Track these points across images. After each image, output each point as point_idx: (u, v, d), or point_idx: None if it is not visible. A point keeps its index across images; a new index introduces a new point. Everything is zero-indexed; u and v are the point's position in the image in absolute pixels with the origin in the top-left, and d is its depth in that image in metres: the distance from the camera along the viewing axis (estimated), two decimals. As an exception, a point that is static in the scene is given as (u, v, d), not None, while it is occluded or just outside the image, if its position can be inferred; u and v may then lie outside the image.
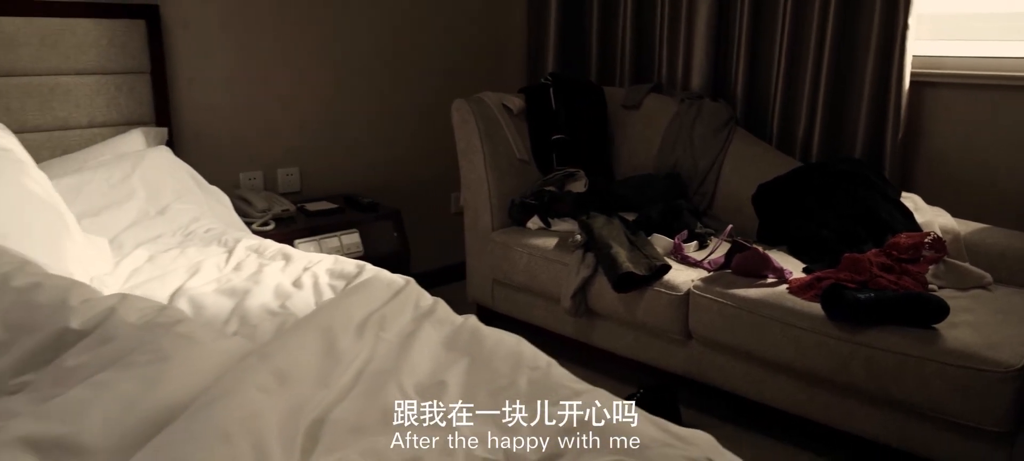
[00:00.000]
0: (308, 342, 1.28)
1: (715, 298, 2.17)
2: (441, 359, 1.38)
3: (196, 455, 0.95)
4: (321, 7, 2.99)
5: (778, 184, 2.62)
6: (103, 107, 2.49)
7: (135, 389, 1.12)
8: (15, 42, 2.31)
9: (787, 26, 2.80)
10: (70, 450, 1.00)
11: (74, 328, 1.30)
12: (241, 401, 1.07)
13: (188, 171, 2.46)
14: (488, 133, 2.83)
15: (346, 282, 1.79)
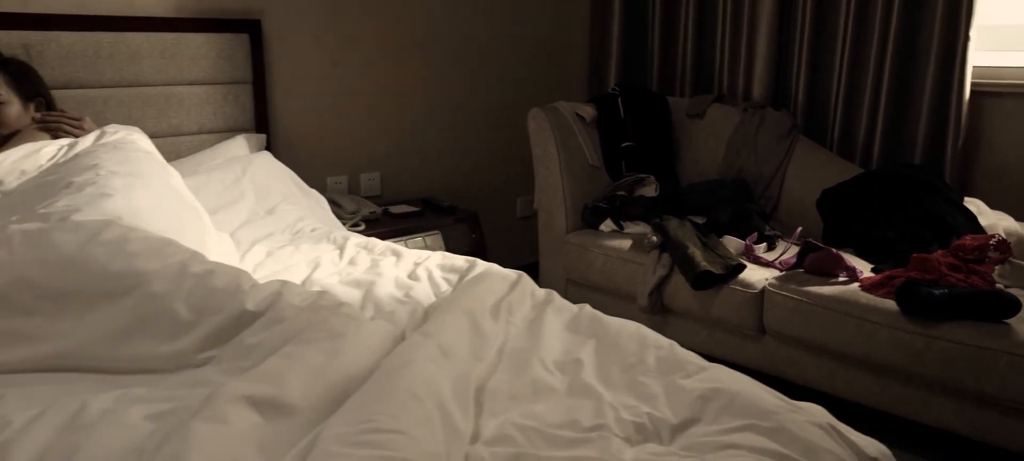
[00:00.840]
0: (458, 324, 1.44)
1: (790, 295, 2.31)
2: (569, 341, 1.53)
3: (394, 410, 1.11)
4: (403, 25, 3.17)
5: (842, 189, 2.75)
6: (211, 115, 2.68)
7: (321, 360, 1.28)
8: (138, 55, 2.50)
9: (849, 37, 2.93)
10: (280, 409, 1.17)
11: (250, 310, 1.47)
12: (419, 369, 1.23)
13: (289, 174, 2.64)
14: (563, 140, 2.99)
15: (458, 275, 1.94)
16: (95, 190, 1.73)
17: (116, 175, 1.84)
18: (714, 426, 1.22)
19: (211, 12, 2.68)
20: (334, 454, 1.02)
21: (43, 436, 1.16)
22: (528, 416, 1.24)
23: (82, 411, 1.23)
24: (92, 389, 1.35)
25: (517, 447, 1.15)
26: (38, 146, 2.04)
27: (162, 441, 1.10)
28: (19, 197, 1.84)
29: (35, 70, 2.23)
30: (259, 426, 1.13)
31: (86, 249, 1.52)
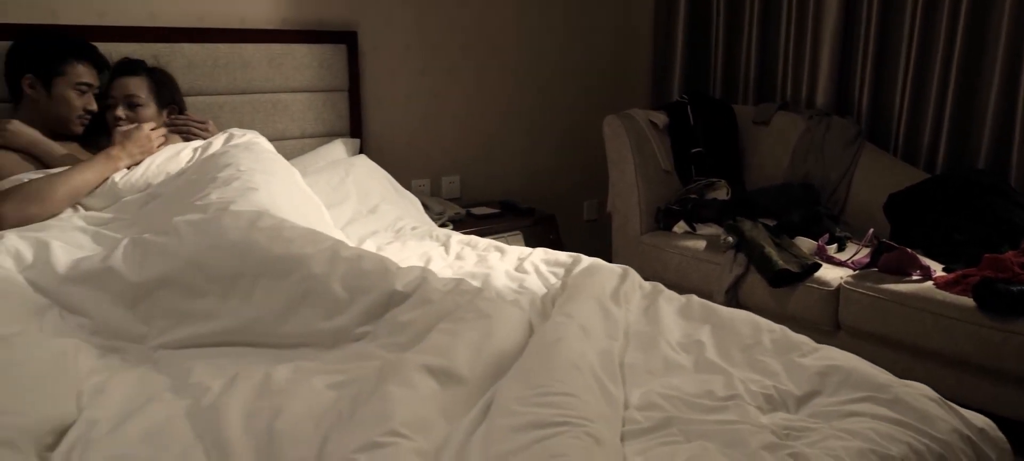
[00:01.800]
0: (591, 308, 1.59)
1: (866, 292, 2.43)
2: (685, 325, 1.68)
3: (561, 376, 1.27)
4: (484, 37, 3.35)
5: (910, 193, 2.87)
6: (312, 120, 2.87)
7: (477, 337, 1.44)
8: (250, 65, 2.69)
9: (914, 45, 3.04)
10: (453, 377, 1.32)
11: (399, 290, 1.63)
12: (571, 344, 1.38)
13: (386, 176, 2.81)
14: (638, 146, 3.14)
15: (564, 269, 2.09)
16: (241, 185, 1.91)
17: (255, 172, 2.03)
18: (835, 398, 1.36)
19: (314, 24, 2.87)
20: (519, 412, 1.18)
21: (244, 399, 1.33)
22: (667, 387, 1.39)
23: (268, 380, 1.40)
24: (266, 361, 1.52)
25: (665, 412, 1.29)
26: (177, 149, 2.23)
27: (355, 404, 1.26)
28: (171, 194, 2.03)
29: (175, 81, 2.43)
30: (438, 392, 1.29)
31: (249, 235, 1.69)
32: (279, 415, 1.26)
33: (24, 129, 2.16)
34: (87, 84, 2.25)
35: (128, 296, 1.64)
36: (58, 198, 2.01)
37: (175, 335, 1.61)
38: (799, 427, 1.27)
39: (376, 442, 1.10)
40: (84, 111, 2.25)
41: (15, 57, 2.21)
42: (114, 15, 2.49)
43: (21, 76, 2.19)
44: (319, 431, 1.21)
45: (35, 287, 1.68)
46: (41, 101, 2.20)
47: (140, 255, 1.69)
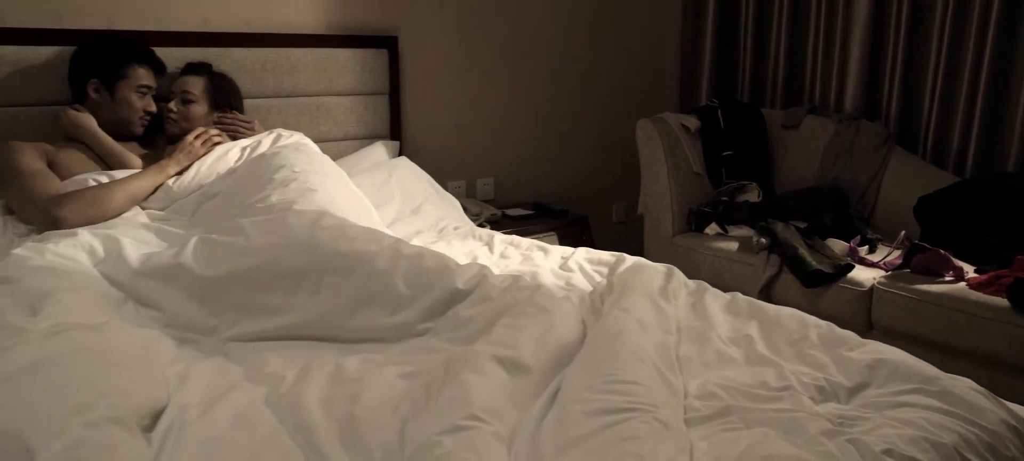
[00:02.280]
0: (644, 304, 1.66)
1: (900, 292, 2.49)
2: (733, 321, 1.74)
3: (626, 366, 1.33)
4: (518, 44, 3.43)
5: (940, 196, 2.92)
6: (354, 123, 2.95)
7: (539, 331, 1.51)
8: (296, 69, 2.77)
9: (944, 50, 3.09)
10: (520, 367, 1.39)
11: (460, 288, 1.70)
12: (631, 337, 1.45)
13: (427, 178, 2.88)
14: (670, 149, 3.20)
15: (608, 268, 2.15)
16: (299, 186, 1.98)
17: (310, 173, 2.10)
18: (885, 389, 1.42)
19: (356, 29, 2.95)
20: (589, 399, 1.24)
21: (319, 387, 1.40)
22: (722, 378, 1.45)
23: (340, 370, 1.47)
24: (334, 354, 1.59)
25: (723, 401, 1.36)
26: (225, 149, 2.31)
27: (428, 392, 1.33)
28: (226, 194, 2.11)
29: (236, 87, 2.51)
30: (507, 381, 1.35)
31: (313, 234, 1.77)
32: (356, 402, 1.33)
33: (85, 119, 2.25)
34: (147, 87, 2.33)
35: (198, 291, 1.72)
36: (115, 204, 2.08)
37: (244, 329, 1.68)
38: (852, 416, 1.33)
39: (458, 425, 1.17)
40: (144, 112, 2.34)
41: (80, 62, 2.30)
42: (169, 21, 2.58)
43: (86, 80, 2.27)
44: (397, 417, 1.28)
45: (110, 281, 1.76)
46: (105, 104, 2.29)
47: (208, 253, 1.77)
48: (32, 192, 2.03)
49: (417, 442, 1.16)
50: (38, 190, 2.03)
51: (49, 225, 1.96)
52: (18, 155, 2.09)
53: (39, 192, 2.03)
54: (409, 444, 1.17)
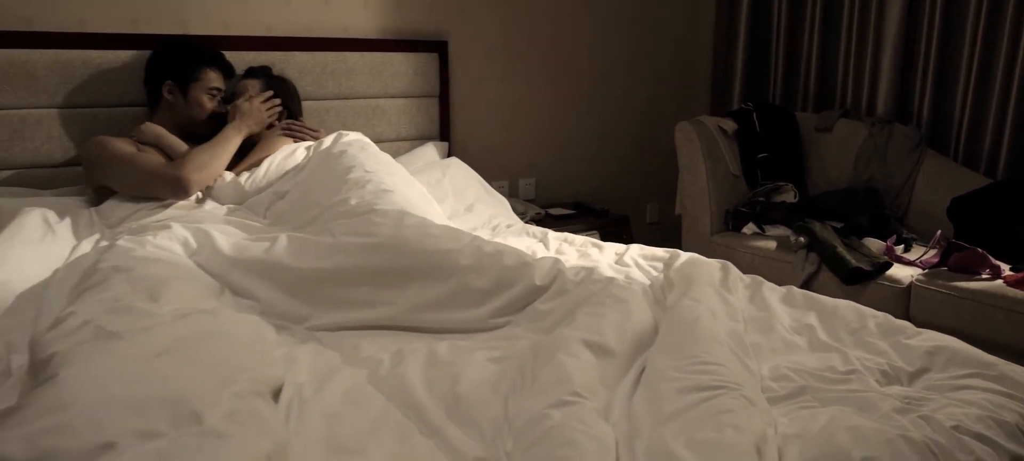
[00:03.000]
0: (711, 294, 1.76)
1: (938, 289, 2.58)
2: (792, 312, 1.83)
3: (707, 348, 1.44)
4: (559, 49, 3.54)
5: (973, 197, 3.02)
6: (406, 124, 3.06)
7: (619, 318, 1.61)
8: (354, 72, 2.89)
9: (977, 54, 3.18)
10: (606, 351, 1.49)
11: (537, 284, 1.81)
12: (707, 323, 1.56)
13: (477, 177, 2.99)
14: (709, 150, 3.31)
15: (663, 263, 2.25)
16: (375, 187, 2.10)
17: (381, 173, 2.22)
18: (945, 374, 1.51)
19: (409, 33, 3.06)
20: (679, 378, 1.35)
21: (417, 369, 1.51)
22: (791, 363, 1.55)
23: (433, 354, 1.58)
24: (422, 341, 1.69)
25: (796, 383, 1.46)
26: (292, 149, 2.43)
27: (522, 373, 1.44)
28: (300, 192, 2.22)
29: (294, 89, 2.63)
30: (596, 363, 1.46)
31: (398, 233, 1.88)
32: (458, 382, 1.44)
33: (152, 127, 2.37)
34: (217, 89, 2.45)
35: (291, 284, 1.83)
36: (222, 161, 2.32)
37: (334, 319, 1.79)
38: (917, 397, 1.42)
39: (563, 400, 1.27)
40: (214, 113, 2.46)
41: (156, 65, 2.42)
42: (236, 26, 2.70)
43: (161, 82, 2.39)
44: (498, 395, 1.39)
45: (205, 271, 1.87)
46: (178, 105, 2.40)
47: (299, 249, 1.88)
48: (149, 166, 2.23)
49: (526, 416, 1.26)
50: (154, 164, 2.24)
51: (175, 190, 2.20)
52: (117, 144, 2.24)
53: (156, 166, 2.24)
54: (517, 418, 1.28)
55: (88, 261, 1.89)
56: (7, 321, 1.70)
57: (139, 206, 2.19)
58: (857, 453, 1.12)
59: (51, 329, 1.38)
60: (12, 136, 2.31)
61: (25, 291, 1.84)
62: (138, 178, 2.22)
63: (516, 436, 1.25)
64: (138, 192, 2.22)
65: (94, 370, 1.14)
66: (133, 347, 1.25)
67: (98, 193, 2.29)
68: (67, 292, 1.73)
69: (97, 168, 2.25)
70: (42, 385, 1.11)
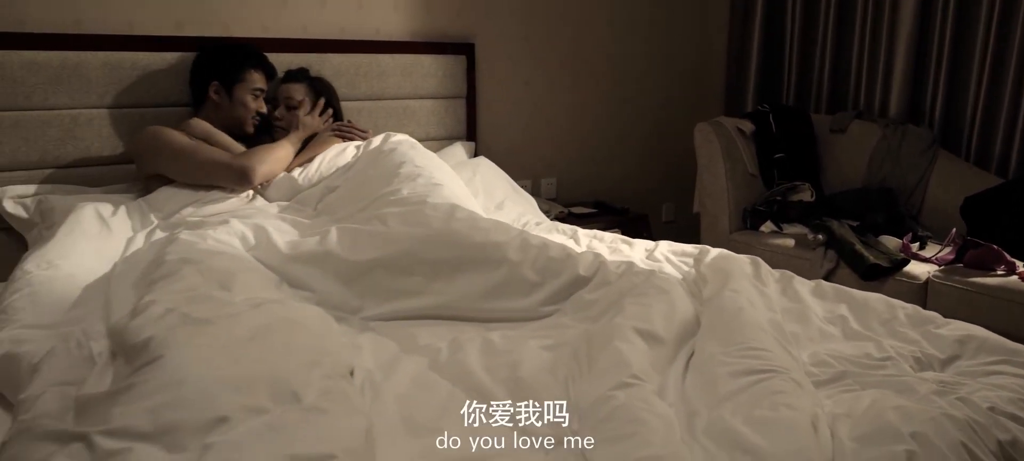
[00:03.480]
0: (748, 286, 1.85)
1: (955, 285, 2.67)
2: (824, 304, 1.92)
3: (752, 335, 1.52)
4: (580, 52, 3.63)
5: (985, 196, 3.11)
6: (435, 124, 3.14)
7: (665, 308, 1.70)
8: (386, 73, 2.97)
9: (989, 53, 3.27)
10: (655, 339, 1.58)
11: (582, 274, 1.90)
12: (749, 313, 1.64)
13: (504, 176, 3.08)
14: (727, 151, 3.40)
15: (692, 258, 2.34)
16: (425, 181, 2.18)
17: (431, 168, 2.31)
18: (975, 361, 1.60)
19: (438, 36, 3.15)
20: (730, 363, 1.44)
21: (475, 356, 1.59)
22: (829, 350, 1.64)
23: (488, 342, 1.66)
24: (474, 331, 1.77)
25: (836, 368, 1.55)
26: (342, 147, 2.52)
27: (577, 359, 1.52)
28: (351, 187, 2.30)
29: (333, 89, 2.71)
30: (647, 350, 1.54)
31: (449, 225, 1.96)
32: (517, 367, 1.52)
33: (202, 123, 2.45)
34: (260, 89, 2.54)
35: (344, 275, 1.91)
36: (282, 162, 2.45)
37: (386, 309, 1.88)
38: (951, 382, 1.51)
39: (625, 382, 1.36)
40: (256, 113, 2.54)
41: (202, 66, 2.50)
42: (275, 29, 2.78)
43: (207, 83, 2.47)
44: (557, 379, 1.47)
45: (263, 265, 1.95)
46: (223, 105, 2.49)
47: (351, 240, 1.96)
48: (214, 155, 2.35)
49: (591, 398, 1.35)
50: (219, 154, 2.35)
51: (240, 179, 2.33)
52: (175, 135, 2.34)
53: (221, 155, 2.35)
54: (582, 400, 1.36)
55: (149, 254, 1.97)
56: (78, 312, 1.79)
57: (194, 196, 2.28)
58: (905, 429, 1.20)
59: (136, 316, 1.46)
60: (64, 135, 2.39)
61: (90, 283, 1.93)
62: (200, 166, 2.31)
63: (582, 416, 1.33)
64: (197, 180, 2.31)
65: (196, 352, 1.22)
66: (224, 332, 1.33)
67: (149, 182, 2.37)
68: (130, 284, 1.82)
69: (153, 156, 2.33)
70: (148, 366, 1.20)
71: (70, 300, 1.84)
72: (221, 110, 2.50)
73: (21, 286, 1.82)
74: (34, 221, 2.29)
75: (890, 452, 1.16)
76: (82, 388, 1.33)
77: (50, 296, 1.81)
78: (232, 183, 2.32)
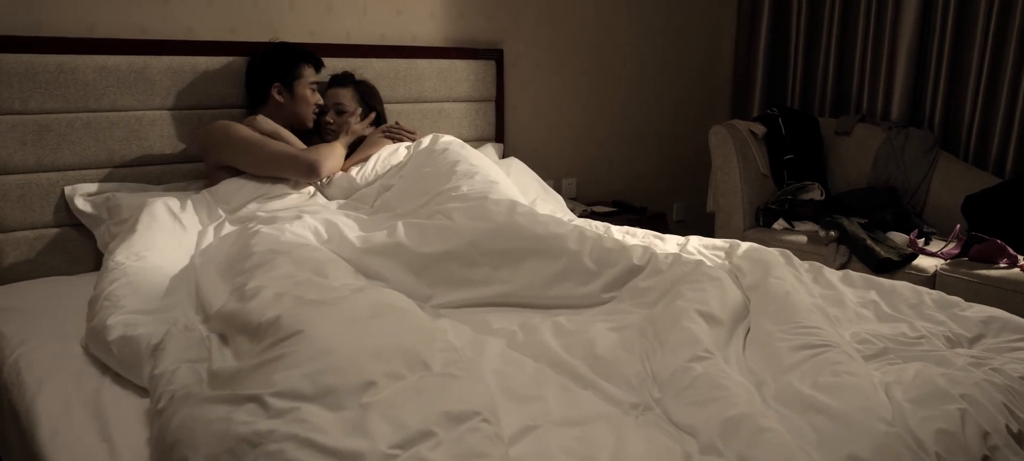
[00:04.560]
0: (789, 274, 2.02)
1: (962, 277, 2.87)
2: (854, 291, 2.09)
3: (804, 314, 1.69)
4: (598, 61, 3.80)
5: (986, 194, 3.31)
6: (467, 126, 3.30)
7: (718, 293, 1.86)
8: (423, 78, 3.12)
9: (986, 60, 3.47)
10: (714, 320, 1.74)
11: (636, 263, 2.06)
12: (796, 296, 1.81)
13: (534, 176, 3.23)
14: (741, 152, 3.58)
15: (723, 252, 2.50)
16: (483, 178, 2.34)
17: (487, 167, 2.46)
18: (1000, 339, 1.78)
19: (470, 42, 3.30)
20: (788, 338, 1.60)
21: (550, 337, 1.74)
22: (867, 331, 1.81)
23: (558, 325, 1.81)
24: (543, 316, 1.92)
25: (877, 346, 1.72)
26: (394, 148, 2.66)
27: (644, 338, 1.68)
28: (408, 183, 2.45)
29: (377, 91, 2.86)
30: (708, 330, 1.70)
31: (512, 218, 2.12)
32: (593, 346, 1.67)
33: (267, 121, 2.59)
34: (315, 83, 2.68)
35: (415, 266, 2.06)
36: (340, 160, 2.60)
37: (456, 297, 2.03)
38: (981, 356, 1.69)
39: (700, 356, 1.52)
40: (315, 106, 2.68)
41: (259, 69, 2.63)
42: (321, 34, 2.92)
43: (269, 84, 2.60)
44: (632, 355, 1.63)
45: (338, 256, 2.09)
46: (286, 103, 2.62)
47: (419, 234, 2.11)
48: (284, 150, 2.48)
49: (670, 369, 1.51)
50: (288, 149, 2.50)
51: (309, 173, 2.48)
52: (244, 129, 2.48)
53: (291, 150, 2.49)
54: (661, 372, 1.52)
55: (225, 246, 2.12)
56: (170, 300, 1.93)
57: (259, 190, 2.41)
58: (955, 391, 1.37)
59: (248, 300, 1.59)
60: (129, 135, 2.52)
61: (175, 274, 2.07)
62: (269, 159, 2.45)
63: (662, 386, 1.49)
64: (266, 172, 2.46)
65: (332, 327, 1.37)
66: (345, 311, 1.47)
67: (216, 174, 2.49)
68: (216, 273, 1.96)
69: (222, 148, 2.46)
70: (289, 338, 1.34)
71: (161, 289, 1.98)
72: (284, 109, 2.63)
73: (117, 275, 1.95)
74: (102, 217, 2.41)
75: (944, 411, 1.33)
76: (211, 363, 1.48)
77: (145, 285, 1.94)
78: (300, 176, 2.46)
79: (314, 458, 1.05)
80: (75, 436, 1.42)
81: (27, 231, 2.39)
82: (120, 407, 1.53)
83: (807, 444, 1.27)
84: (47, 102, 2.35)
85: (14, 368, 1.75)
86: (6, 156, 2.31)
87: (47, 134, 2.37)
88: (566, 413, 1.40)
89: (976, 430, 1.31)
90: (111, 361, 1.68)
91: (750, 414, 1.29)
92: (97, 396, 1.59)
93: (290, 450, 1.06)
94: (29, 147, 2.34)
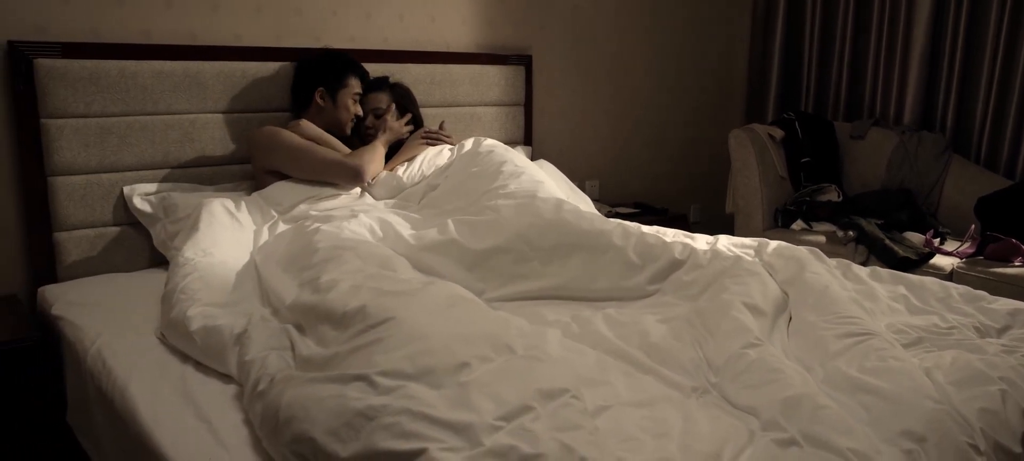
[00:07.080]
0: (823, 269, 2.13)
1: (978, 275, 2.98)
2: (882, 286, 2.20)
3: (845, 305, 1.80)
4: (620, 67, 3.93)
5: (998, 196, 3.42)
6: (498, 130, 3.41)
7: (760, 286, 1.97)
8: (457, 82, 3.23)
9: (998, 64, 3.58)
10: (758, 311, 1.85)
11: (677, 258, 2.17)
12: (835, 290, 1.92)
13: (564, 178, 3.34)
14: (760, 155, 3.69)
15: (752, 250, 2.60)
16: (529, 177, 2.45)
17: (531, 168, 2.58)
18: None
19: (500, 48, 3.42)
20: (831, 327, 1.71)
21: (602, 328, 1.85)
22: (900, 322, 1.92)
23: (610, 317, 1.92)
24: (593, 309, 2.03)
25: (912, 336, 1.82)
26: (438, 150, 2.77)
27: (693, 328, 1.79)
28: (454, 182, 2.56)
29: (413, 95, 2.96)
30: (752, 320, 1.81)
31: (559, 215, 2.23)
32: (646, 335, 1.78)
33: (311, 126, 2.69)
34: (358, 94, 2.78)
35: (467, 261, 2.17)
36: (381, 162, 2.70)
37: (507, 290, 2.13)
38: (1010, 345, 1.80)
39: (751, 343, 1.63)
40: (354, 116, 2.79)
41: (308, 73, 2.73)
42: (361, 40, 3.04)
43: (313, 89, 2.71)
44: (685, 343, 1.74)
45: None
46: (327, 109, 2.73)
47: (470, 230, 2.22)
48: (329, 155, 2.59)
49: (725, 356, 1.62)
50: (333, 154, 2.60)
51: (355, 177, 2.59)
52: (290, 135, 2.58)
53: (336, 155, 2.60)
54: (717, 358, 1.63)
55: (282, 243, 2.22)
56: (237, 294, 2.04)
57: (309, 191, 2.52)
58: (994, 374, 1.48)
59: (327, 292, 1.70)
60: (183, 138, 2.62)
61: (239, 270, 2.17)
62: (316, 165, 2.56)
63: (718, 371, 1.60)
64: (312, 177, 2.56)
65: (421, 315, 1.48)
66: (426, 300, 1.58)
67: (264, 177, 2.60)
68: (279, 269, 2.07)
69: (270, 152, 2.56)
70: (381, 325, 1.45)
71: (229, 283, 2.09)
72: (324, 114, 2.73)
73: (189, 270, 2.06)
74: (158, 216, 2.51)
75: (985, 392, 1.44)
76: (296, 351, 1.58)
77: (215, 279, 2.05)
78: (346, 181, 2.57)
79: (429, 429, 1.16)
80: (175, 418, 1.52)
81: (88, 230, 2.49)
82: (208, 392, 1.63)
83: (860, 422, 1.38)
84: (109, 106, 2.46)
85: (98, 358, 1.85)
86: (70, 158, 2.41)
87: (108, 136, 2.47)
88: (633, 395, 1.50)
89: (1016, 408, 1.42)
90: (193, 350, 1.78)
91: (808, 394, 1.40)
92: (183, 382, 1.69)
93: (405, 422, 1.16)
94: (92, 149, 2.45)
